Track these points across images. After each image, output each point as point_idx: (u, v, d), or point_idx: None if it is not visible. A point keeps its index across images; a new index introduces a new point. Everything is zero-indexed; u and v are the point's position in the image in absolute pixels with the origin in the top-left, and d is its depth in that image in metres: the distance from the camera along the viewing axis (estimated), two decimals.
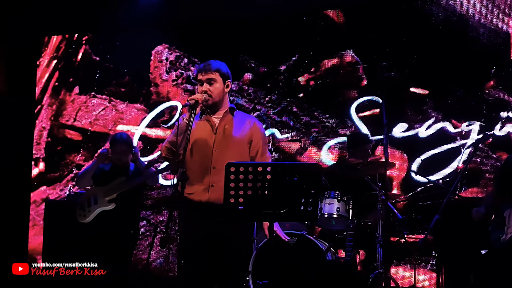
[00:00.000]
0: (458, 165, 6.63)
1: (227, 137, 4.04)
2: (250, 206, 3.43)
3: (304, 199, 3.46)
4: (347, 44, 7.35)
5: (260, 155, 4.13)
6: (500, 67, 6.77)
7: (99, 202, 5.78)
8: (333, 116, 7.32)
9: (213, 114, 4.12)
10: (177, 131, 3.86)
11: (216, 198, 3.81)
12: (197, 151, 4.02)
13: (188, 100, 3.87)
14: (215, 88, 4.03)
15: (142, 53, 8.12)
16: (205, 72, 4.03)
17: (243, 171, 3.38)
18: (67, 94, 8.42)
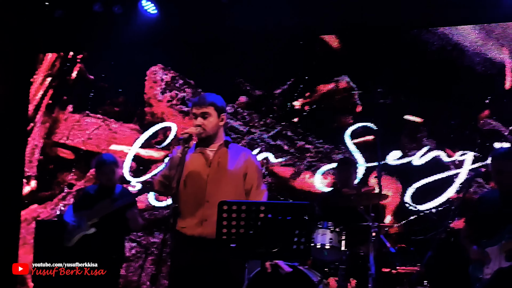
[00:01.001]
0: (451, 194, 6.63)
1: (222, 171, 4.02)
2: (242, 244, 3.41)
3: (297, 238, 3.45)
4: (343, 69, 7.36)
5: (255, 188, 4.10)
6: (495, 97, 6.78)
7: (82, 226, 5.74)
8: (327, 141, 7.31)
9: (208, 147, 4.09)
10: (171, 165, 3.84)
11: (209, 232, 3.77)
12: (190, 184, 3.99)
13: (181, 134, 3.85)
14: (209, 122, 4.01)
15: (137, 73, 8.09)
16: (200, 106, 4.01)
17: (236, 209, 3.37)
18: (61, 112, 8.38)
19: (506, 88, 6.77)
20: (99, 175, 5.96)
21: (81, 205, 5.94)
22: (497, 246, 4.63)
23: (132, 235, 7.70)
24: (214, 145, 4.10)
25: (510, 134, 6.62)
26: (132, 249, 7.70)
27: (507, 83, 6.77)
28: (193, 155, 4.07)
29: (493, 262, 4.61)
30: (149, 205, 7.75)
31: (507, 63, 6.79)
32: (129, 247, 7.70)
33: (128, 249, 7.69)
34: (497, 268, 4.56)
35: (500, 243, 4.62)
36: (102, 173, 5.90)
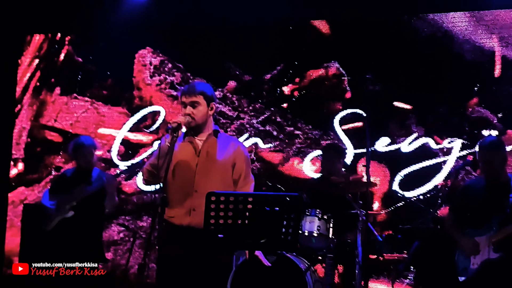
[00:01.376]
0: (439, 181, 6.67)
1: (210, 161, 4.00)
2: (230, 235, 3.41)
3: (285, 229, 3.44)
4: (333, 55, 7.34)
5: (243, 178, 4.09)
6: (484, 84, 6.79)
7: (60, 210, 5.72)
8: (316, 127, 7.31)
9: (197, 136, 4.07)
10: (159, 154, 3.81)
11: (197, 222, 3.75)
12: (179, 173, 3.97)
13: (170, 123, 3.83)
14: (199, 111, 3.98)
15: (125, 56, 8.03)
16: (189, 95, 3.97)
17: (224, 200, 3.36)
18: (48, 95, 8.31)
19: (495, 76, 6.79)
20: (77, 158, 5.93)
21: (58, 188, 5.92)
22: (485, 237, 4.66)
23: (120, 219, 7.71)
24: (203, 134, 4.08)
25: (498, 122, 6.64)
26: (120, 233, 7.70)
27: (496, 70, 6.78)
28: (181, 145, 4.05)
29: (481, 253, 4.65)
30: (137, 189, 7.74)
31: (497, 50, 6.80)
32: (117, 231, 7.71)
33: (116, 232, 7.70)
34: (485, 258, 4.59)
35: (488, 234, 4.65)
36: (80, 156, 5.87)
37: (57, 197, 5.81)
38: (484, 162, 4.76)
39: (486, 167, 4.78)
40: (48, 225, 5.77)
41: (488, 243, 4.62)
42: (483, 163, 4.78)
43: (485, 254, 4.62)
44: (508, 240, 4.57)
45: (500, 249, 4.58)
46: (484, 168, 4.80)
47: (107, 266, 7.45)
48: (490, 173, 4.78)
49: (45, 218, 5.82)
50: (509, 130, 6.61)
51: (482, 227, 4.71)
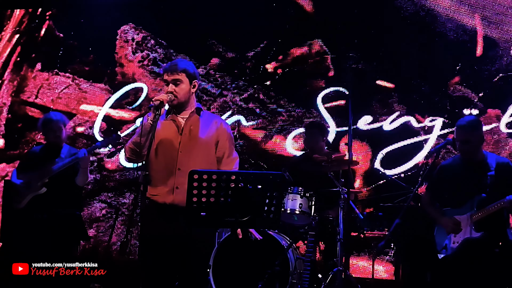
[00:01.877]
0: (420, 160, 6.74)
1: (193, 139, 4.00)
2: (213, 213, 3.42)
3: (267, 207, 3.46)
4: (316, 33, 7.33)
5: (226, 156, 4.10)
6: (466, 63, 6.83)
7: (31, 187, 5.69)
8: (299, 105, 7.32)
9: (179, 114, 4.06)
10: (141, 132, 3.80)
11: (180, 200, 3.77)
12: (162, 152, 3.97)
13: (153, 101, 3.81)
14: (181, 89, 3.97)
15: (107, 31, 7.96)
16: (171, 72, 3.96)
17: (206, 179, 3.36)
18: (29, 70, 8.23)
19: (477, 55, 6.82)
20: (46, 133, 5.86)
21: (27, 165, 5.84)
22: (466, 216, 4.71)
23: (102, 196, 7.69)
24: (186, 112, 4.07)
25: (479, 101, 6.70)
26: (103, 210, 7.69)
27: (478, 50, 6.82)
28: (164, 123, 4.04)
29: (462, 231, 4.71)
30: (119, 166, 7.72)
31: (479, 30, 6.83)
32: (100, 208, 7.70)
33: (99, 209, 7.69)
34: (466, 237, 4.65)
35: (469, 213, 4.71)
36: (49, 130, 5.80)
37: (27, 175, 5.75)
38: (462, 141, 4.80)
39: (463, 146, 4.81)
40: (20, 203, 5.72)
41: (469, 222, 4.68)
42: (460, 142, 4.81)
43: (466, 233, 4.67)
44: (488, 219, 4.63)
45: (481, 228, 4.64)
46: (461, 147, 4.83)
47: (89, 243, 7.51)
48: (467, 152, 4.81)
49: (15, 196, 5.74)
50: (490, 109, 6.66)
51: (462, 206, 4.77)
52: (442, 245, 4.78)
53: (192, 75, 4.03)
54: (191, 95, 4.06)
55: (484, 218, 4.62)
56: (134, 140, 3.91)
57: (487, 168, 4.78)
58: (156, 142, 3.93)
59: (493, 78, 6.71)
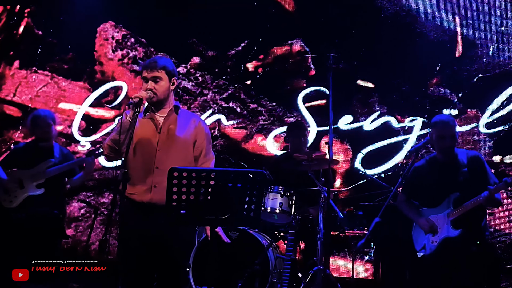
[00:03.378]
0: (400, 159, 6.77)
1: (171, 137, 3.97)
2: (192, 211, 3.40)
3: (247, 205, 3.44)
4: (297, 32, 7.33)
5: (203, 155, 4.08)
6: (445, 64, 6.87)
7: (25, 187, 5.60)
8: (280, 104, 7.32)
9: (158, 111, 4.02)
10: (120, 129, 3.76)
11: (159, 199, 3.75)
12: (140, 150, 3.93)
13: (132, 98, 3.77)
14: (160, 86, 3.94)
15: (87, 29, 7.89)
16: (151, 69, 3.92)
17: (186, 176, 3.34)
18: (7, 68, 8.13)
19: (456, 56, 6.86)
20: (34, 129, 5.78)
21: (12, 163, 5.76)
22: (443, 215, 4.74)
23: (81, 195, 7.62)
24: (164, 110, 4.03)
25: (459, 101, 6.74)
26: (81, 209, 7.62)
27: (457, 50, 6.86)
28: (142, 121, 4.00)
29: (440, 230, 4.73)
30: (99, 165, 7.64)
31: (458, 30, 6.88)
32: (78, 207, 7.63)
33: (78, 209, 7.62)
34: (444, 236, 4.67)
35: (445, 212, 4.74)
36: (37, 126, 5.73)
37: (17, 173, 5.67)
38: (439, 138, 4.82)
39: (440, 142, 4.82)
40: (13, 202, 5.62)
41: (447, 220, 4.71)
42: (437, 138, 4.84)
43: (444, 232, 4.70)
44: (466, 216, 4.66)
45: (459, 226, 4.66)
46: (439, 143, 4.84)
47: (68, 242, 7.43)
48: (444, 148, 4.83)
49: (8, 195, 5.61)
50: (469, 110, 6.71)
51: (438, 205, 4.79)
52: (421, 245, 4.80)
53: (172, 72, 4.00)
54: (170, 92, 4.03)
55: (461, 216, 4.65)
56: (113, 137, 3.87)
57: (460, 165, 4.83)
58: (135, 141, 3.89)
59: (473, 79, 6.76)
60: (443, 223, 4.72)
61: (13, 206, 5.60)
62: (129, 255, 3.88)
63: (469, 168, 4.78)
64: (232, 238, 5.33)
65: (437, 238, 4.70)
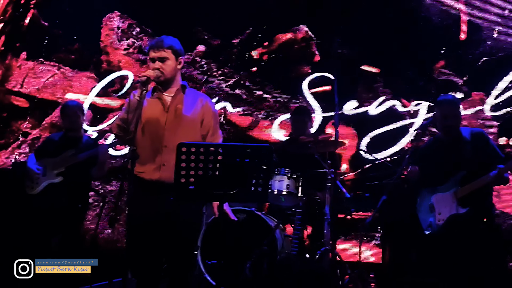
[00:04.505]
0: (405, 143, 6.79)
1: (179, 117, 4.00)
2: (201, 186, 3.43)
3: (255, 180, 3.47)
4: (301, 19, 7.35)
5: (211, 134, 4.11)
6: (450, 47, 6.88)
7: (47, 175, 5.68)
8: (285, 91, 7.35)
9: (165, 91, 4.06)
10: (128, 108, 3.80)
11: (167, 177, 3.78)
12: (148, 130, 3.97)
13: (139, 77, 3.81)
14: (168, 65, 3.97)
15: (93, 20, 7.92)
16: (157, 49, 3.96)
17: (194, 151, 3.37)
18: (14, 59, 8.17)
19: (461, 39, 6.87)
20: (63, 118, 5.89)
21: (44, 152, 5.84)
22: (449, 193, 4.74)
23: None
24: (171, 89, 4.07)
25: (464, 85, 6.75)
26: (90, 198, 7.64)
27: (462, 34, 6.87)
28: (150, 101, 4.03)
29: (446, 208, 4.73)
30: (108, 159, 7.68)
31: (463, 14, 6.88)
32: None
33: None
34: (451, 214, 4.68)
35: (452, 190, 4.74)
36: (65, 116, 5.83)
37: (44, 161, 5.74)
38: (443, 116, 4.84)
39: (444, 122, 4.84)
40: (35, 189, 5.71)
41: (454, 199, 4.71)
42: (441, 118, 4.86)
43: (452, 210, 4.70)
44: (473, 194, 4.67)
45: (466, 205, 4.67)
46: (442, 122, 4.86)
47: None
48: (448, 127, 4.85)
49: (28, 181, 5.74)
50: (474, 93, 6.73)
51: (444, 183, 4.80)
52: (427, 223, 4.81)
53: (178, 51, 4.04)
54: (177, 72, 4.07)
55: (469, 194, 4.66)
56: (122, 116, 3.91)
57: (464, 142, 4.84)
58: (143, 120, 3.92)
59: (477, 62, 6.78)
60: (449, 201, 4.73)
61: (34, 192, 5.69)
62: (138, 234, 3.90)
63: (473, 145, 4.80)
64: (239, 219, 5.37)
65: (444, 216, 4.71)
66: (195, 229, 4.26)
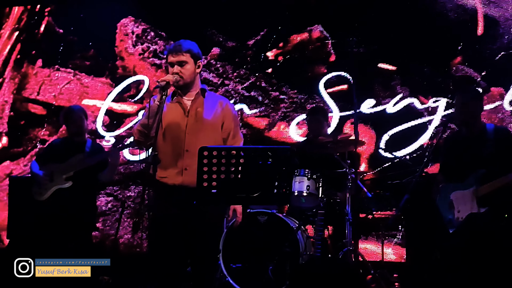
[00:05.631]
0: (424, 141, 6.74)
1: (199, 120, 3.99)
2: (224, 190, 3.42)
3: (277, 182, 3.45)
4: (316, 19, 7.32)
5: (231, 137, 4.10)
6: (467, 43, 6.82)
7: (55, 180, 5.67)
8: (301, 91, 7.32)
9: (185, 95, 4.05)
10: (149, 114, 3.79)
11: (190, 181, 3.78)
12: (169, 134, 3.96)
13: (158, 82, 3.80)
14: (186, 69, 3.97)
15: (107, 25, 7.95)
16: (176, 53, 3.95)
17: (216, 155, 3.36)
18: (30, 67, 8.22)
19: (478, 34, 6.81)
20: (68, 124, 5.88)
21: (49, 157, 5.83)
22: (469, 191, 4.66)
23: (107, 189, 7.69)
24: (191, 93, 4.06)
25: (482, 80, 6.69)
26: (108, 203, 7.69)
27: (479, 29, 6.81)
28: (170, 105, 4.03)
29: (466, 206, 4.66)
30: (124, 159, 7.71)
31: (479, 9, 6.82)
32: (105, 201, 7.69)
33: (104, 203, 7.69)
34: (471, 212, 4.61)
35: (472, 188, 4.65)
36: (71, 121, 5.81)
37: (50, 167, 5.75)
38: (461, 106, 4.77)
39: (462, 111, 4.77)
40: (43, 195, 5.71)
41: (473, 197, 4.63)
42: (459, 107, 4.79)
43: (472, 208, 4.63)
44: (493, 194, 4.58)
45: (486, 204, 4.60)
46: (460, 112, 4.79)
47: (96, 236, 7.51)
48: (466, 119, 4.78)
49: (37, 187, 5.74)
50: (493, 88, 6.66)
51: (464, 180, 4.72)
52: (447, 220, 4.74)
53: (197, 55, 4.03)
54: (196, 75, 4.06)
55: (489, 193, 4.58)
56: (142, 122, 3.90)
57: (486, 138, 4.74)
58: (163, 125, 3.92)
59: (495, 57, 6.71)
60: (469, 199, 4.63)
61: (43, 198, 5.67)
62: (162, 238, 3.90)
63: (496, 142, 4.70)
64: (261, 222, 5.35)
65: (463, 214, 4.63)
66: (218, 233, 4.25)
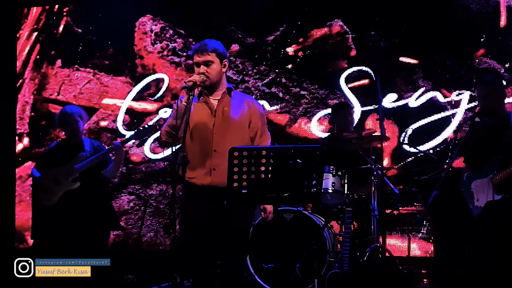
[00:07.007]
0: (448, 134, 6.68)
1: (227, 120, 3.99)
2: (254, 190, 3.40)
3: (307, 182, 3.44)
4: (336, 13, 7.26)
5: (259, 136, 4.10)
6: (490, 35, 6.74)
7: (61, 183, 5.65)
8: (322, 87, 7.27)
9: (211, 95, 4.05)
10: (176, 114, 3.78)
11: (219, 181, 3.79)
12: (197, 134, 3.96)
13: (186, 82, 3.79)
14: (213, 69, 3.96)
15: (125, 24, 7.93)
16: (202, 53, 3.94)
17: (246, 156, 3.35)
18: (50, 68, 8.23)
19: (501, 26, 6.73)
20: (63, 126, 5.84)
21: (49, 162, 5.78)
22: (487, 179, 4.61)
23: (129, 188, 7.70)
24: (217, 93, 4.06)
25: (506, 72, 6.61)
26: (131, 202, 7.70)
27: (502, 20, 6.72)
28: (197, 105, 4.03)
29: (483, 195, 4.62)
30: (145, 158, 7.72)
31: (502, 0, 6.73)
32: (127, 200, 7.71)
33: (127, 202, 7.71)
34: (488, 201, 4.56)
35: (489, 176, 4.61)
36: (65, 124, 5.76)
37: (54, 171, 5.69)
38: (482, 97, 4.72)
39: (484, 102, 4.72)
40: (51, 200, 5.69)
41: (490, 185, 4.57)
42: (481, 98, 4.73)
43: (489, 196, 4.57)
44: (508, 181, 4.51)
45: (502, 191, 4.54)
46: (482, 103, 4.74)
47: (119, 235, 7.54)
48: (487, 107, 4.72)
49: (45, 193, 5.68)
50: None
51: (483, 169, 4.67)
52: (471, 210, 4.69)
53: (222, 54, 4.02)
54: (222, 75, 4.05)
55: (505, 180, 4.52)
56: (170, 123, 3.90)
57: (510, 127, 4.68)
58: (191, 126, 3.92)
59: None
60: (487, 187, 4.59)
61: (51, 203, 5.65)
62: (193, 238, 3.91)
63: None
64: (287, 220, 5.34)
65: (480, 203, 4.60)
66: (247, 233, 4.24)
